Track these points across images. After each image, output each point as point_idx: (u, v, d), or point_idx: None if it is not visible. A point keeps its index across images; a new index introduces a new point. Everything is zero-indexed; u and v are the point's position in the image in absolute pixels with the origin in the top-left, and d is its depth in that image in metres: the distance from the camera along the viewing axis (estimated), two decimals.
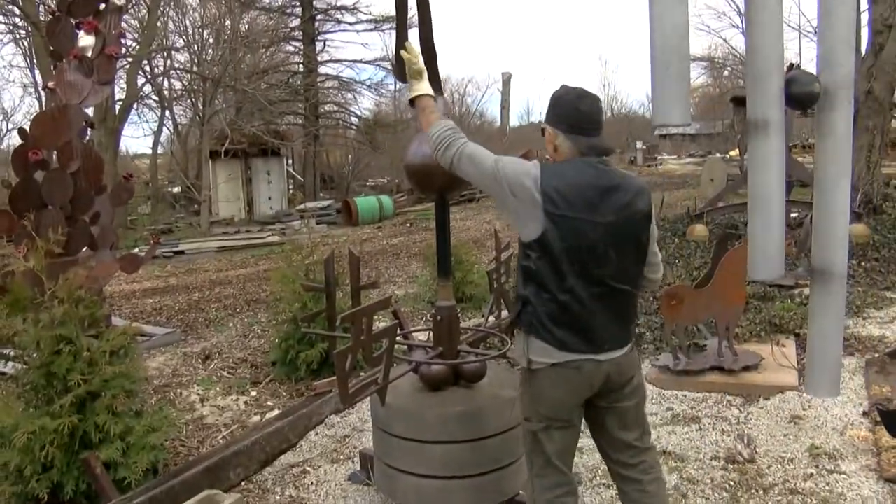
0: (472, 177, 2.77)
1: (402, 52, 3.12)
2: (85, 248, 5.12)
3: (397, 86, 35.21)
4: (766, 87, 2.30)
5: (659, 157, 45.01)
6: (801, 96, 2.39)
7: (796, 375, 5.44)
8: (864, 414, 4.74)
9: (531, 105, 65.13)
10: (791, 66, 8.06)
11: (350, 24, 31.41)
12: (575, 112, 2.65)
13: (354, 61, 32.18)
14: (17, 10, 20.63)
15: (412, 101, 3.07)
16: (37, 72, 24.64)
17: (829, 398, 4.90)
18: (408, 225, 20.97)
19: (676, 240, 11.76)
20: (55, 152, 4.98)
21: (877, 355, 5.84)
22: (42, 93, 19.93)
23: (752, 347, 6.01)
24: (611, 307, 2.66)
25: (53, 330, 3.87)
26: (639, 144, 44.52)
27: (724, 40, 30.62)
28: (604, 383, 2.70)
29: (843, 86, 2.28)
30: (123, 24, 5.87)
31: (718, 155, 32.84)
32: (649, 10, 2.26)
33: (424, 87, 3.05)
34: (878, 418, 4.36)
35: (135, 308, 10.46)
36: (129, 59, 20.42)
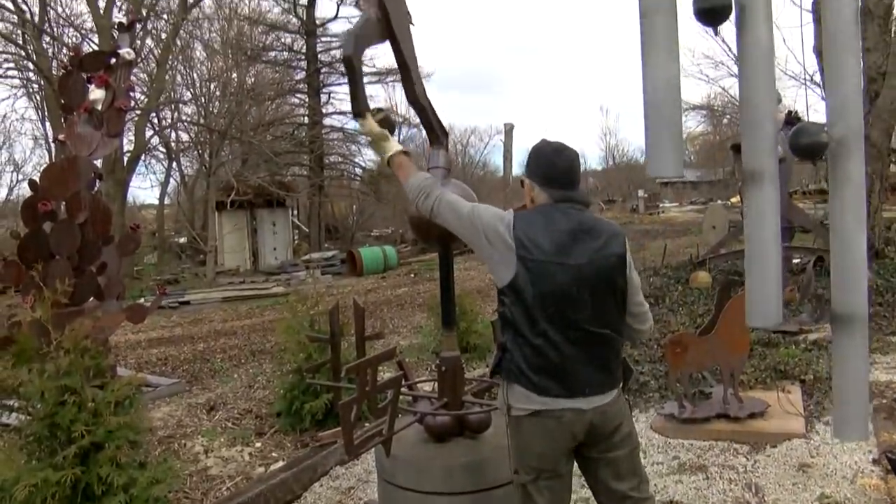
0: (451, 223, 2.82)
1: (358, 123, 3.15)
2: (91, 299, 5.12)
3: (400, 138, 35.57)
4: (760, 137, 2.32)
5: (661, 205, 45.20)
6: (810, 147, 2.41)
7: (803, 422, 5.38)
8: (875, 462, 4.67)
9: None
10: (790, 114, 8.14)
11: None
12: (551, 166, 2.71)
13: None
14: (31, 65, 21.08)
15: (388, 163, 3.11)
16: (48, 124, 25.02)
17: (861, 441, 4.81)
18: (412, 275, 20.97)
19: (679, 287, 11.72)
20: (64, 203, 5.02)
21: (885, 401, 5.78)
22: (52, 145, 20.21)
23: (757, 394, 5.95)
24: (589, 352, 2.64)
25: (58, 380, 3.85)
26: (640, 193, 44.78)
27: (723, 89, 30.90)
28: (588, 432, 2.66)
29: (856, 134, 2.30)
30: (133, 78, 5.96)
31: (720, 202, 32.99)
32: (641, 65, 2.29)
33: (393, 146, 3.10)
34: (889, 466, 4.29)
35: (140, 358, 10.42)
36: (138, 112, 20.73)
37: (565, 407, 2.61)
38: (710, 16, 2.39)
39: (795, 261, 11.45)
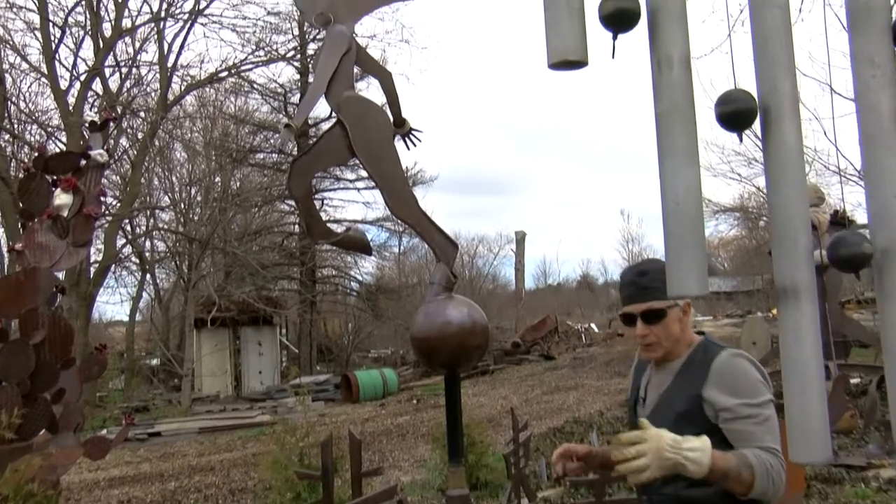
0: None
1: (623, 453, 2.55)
2: (43, 431, 4.98)
3: (401, 248, 35.97)
4: (792, 250, 2.26)
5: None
6: (850, 259, 2.35)
7: None
8: None
9: (548, 266, 65.99)
10: (836, 214, 8.15)
11: (350, 181, 32.36)
12: None
13: (355, 221, 32.84)
14: None
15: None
16: (2, 231, 24.92)
17: None
18: (414, 401, 20.75)
19: None
20: (17, 321, 4.95)
21: None
22: (7, 255, 20.23)
23: None
24: None
25: None
26: None
27: (757, 188, 31.12)
28: None
29: None
30: (104, 181, 6.01)
31: (759, 314, 32.84)
32: (659, 171, 2.27)
33: (698, 446, 2.28)
34: None
35: (97, 501, 10.17)
36: (109, 219, 20.85)
37: None
38: (734, 121, 2.39)
39: (854, 381, 11.26)
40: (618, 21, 2.46)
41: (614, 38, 2.49)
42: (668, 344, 2.72)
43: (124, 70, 23.48)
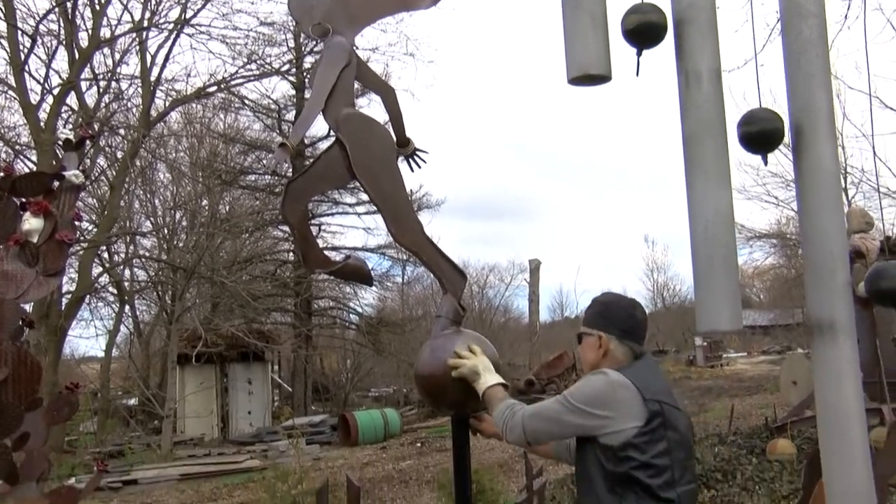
0: (551, 432, 3.11)
1: (450, 363, 3.41)
2: (1, 483, 4.92)
3: (405, 278, 35.91)
4: (828, 284, 2.23)
5: (725, 356, 44.81)
6: (892, 292, 2.31)
7: None
8: None
9: (565, 297, 65.10)
10: (888, 240, 8.07)
11: (350, 205, 32.39)
12: (630, 319, 3.15)
13: (355, 249, 32.80)
14: None
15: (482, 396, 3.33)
16: None
17: None
18: (419, 445, 20.70)
19: (754, 459, 11.34)
20: None
21: None
22: None
23: None
24: None
25: None
26: (698, 341, 44.24)
27: (796, 212, 31.18)
28: None
29: None
30: (79, 204, 5.98)
31: (800, 350, 32.62)
32: (687, 195, 2.24)
33: (487, 378, 3.32)
34: None
35: None
36: (84, 245, 20.70)
37: None
38: (758, 142, 2.35)
39: None
40: (643, 36, 2.41)
41: (639, 54, 2.45)
42: (585, 367, 3.24)
43: (103, 83, 23.20)
